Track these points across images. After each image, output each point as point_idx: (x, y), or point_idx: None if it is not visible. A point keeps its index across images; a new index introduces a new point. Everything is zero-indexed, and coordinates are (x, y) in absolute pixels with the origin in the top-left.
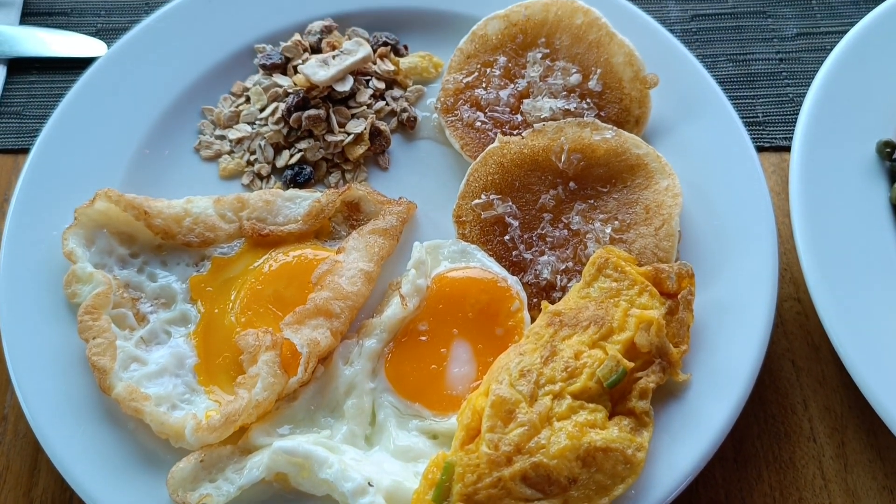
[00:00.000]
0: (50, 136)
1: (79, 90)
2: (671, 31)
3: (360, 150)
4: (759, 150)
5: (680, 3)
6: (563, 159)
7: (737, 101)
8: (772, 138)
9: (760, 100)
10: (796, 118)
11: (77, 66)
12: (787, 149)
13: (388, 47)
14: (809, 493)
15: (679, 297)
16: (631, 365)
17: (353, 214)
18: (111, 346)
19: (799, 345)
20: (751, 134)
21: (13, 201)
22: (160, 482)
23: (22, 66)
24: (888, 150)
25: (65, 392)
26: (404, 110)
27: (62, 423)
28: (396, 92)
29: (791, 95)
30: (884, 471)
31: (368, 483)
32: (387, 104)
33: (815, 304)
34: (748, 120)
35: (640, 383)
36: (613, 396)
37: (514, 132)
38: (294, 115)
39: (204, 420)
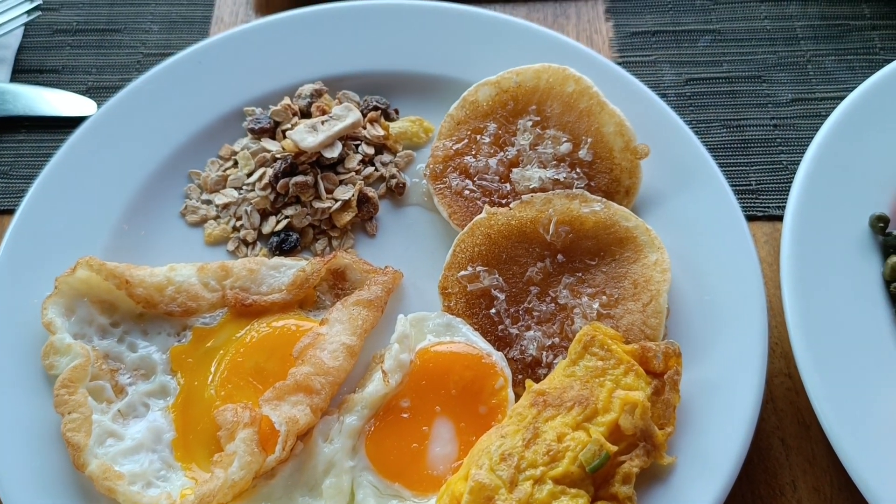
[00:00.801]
0: (35, 199)
1: (66, 151)
2: (665, 95)
3: (347, 216)
4: (752, 219)
5: (675, 66)
6: (550, 231)
7: (730, 169)
8: (765, 207)
9: (754, 167)
10: (790, 186)
11: (66, 125)
12: (780, 218)
13: (379, 111)
14: None
15: (665, 377)
16: (614, 449)
17: (338, 283)
18: (86, 422)
19: (789, 422)
20: (743, 202)
21: None
22: None
23: (11, 125)
24: (881, 224)
25: (39, 467)
26: (393, 176)
27: (36, 499)
28: (386, 157)
29: (785, 163)
30: None
31: None
32: (376, 170)
33: (803, 382)
34: (741, 188)
35: (624, 468)
36: (596, 481)
37: (503, 201)
38: (281, 181)
39: (179, 500)
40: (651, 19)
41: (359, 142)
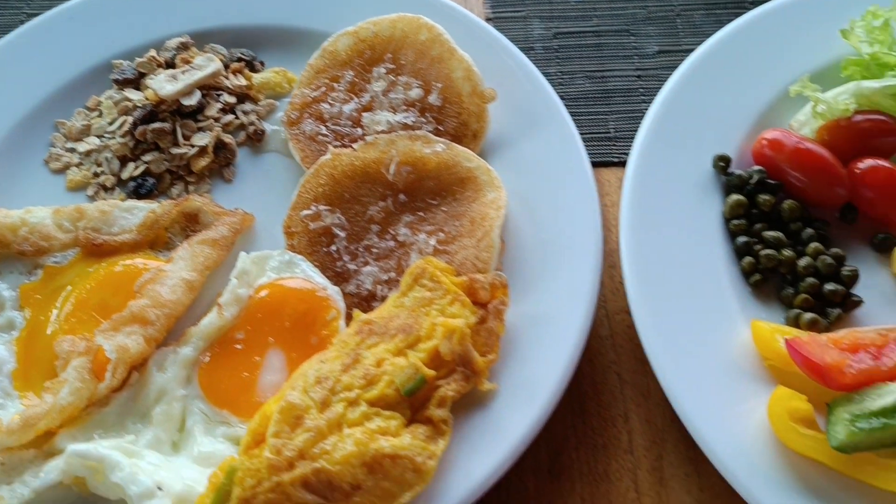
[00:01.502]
0: None
1: None
2: (532, 48)
3: (203, 162)
4: (608, 164)
5: (545, 21)
6: (392, 171)
7: (589, 117)
8: (622, 153)
9: (614, 115)
10: None
11: None
12: None
13: (243, 63)
14: None
15: (490, 306)
16: (431, 373)
17: (190, 226)
18: None
19: (626, 358)
20: (600, 148)
21: None
22: None
23: None
24: (722, 164)
25: None
26: (252, 124)
27: None
28: (248, 106)
29: (644, 111)
30: (699, 485)
31: (158, 487)
32: (236, 118)
33: (633, 317)
34: (599, 135)
35: (440, 391)
36: (413, 405)
37: (354, 145)
38: (140, 128)
39: (5, 423)
40: None
41: (221, 91)
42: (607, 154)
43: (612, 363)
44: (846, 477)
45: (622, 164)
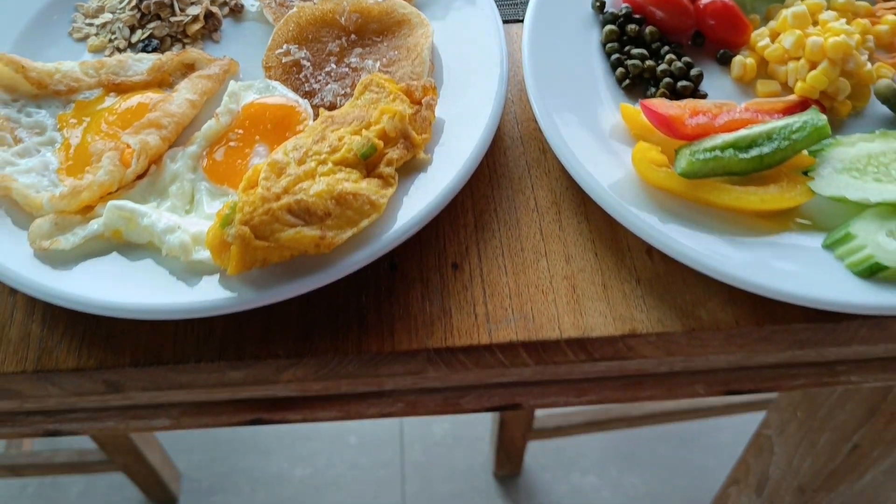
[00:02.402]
0: None
1: None
2: None
3: (196, 27)
4: (517, 21)
5: None
6: (344, 18)
7: None
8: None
9: None
10: None
11: None
12: None
13: None
14: (530, 245)
15: (423, 101)
16: (381, 143)
17: (188, 72)
18: None
19: (532, 150)
20: (512, 10)
21: None
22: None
23: None
24: (598, 4)
25: None
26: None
27: None
28: None
29: None
30: (588, 229)
31: (178, 226)
32: None
33: (535, 115)
34: (508, 3)
35: (387, 156)
36: (368, 166)
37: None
38: (144, 3)
39: (58, 192)
40: None
41: None
42: (515, 15)
43: (521, 154)
44: (689, 198)
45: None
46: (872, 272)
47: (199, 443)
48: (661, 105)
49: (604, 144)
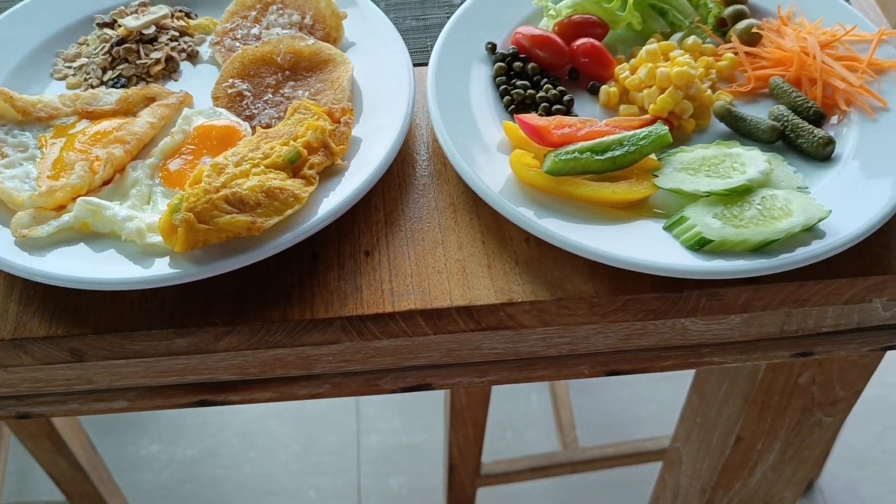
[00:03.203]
0: None
1: None
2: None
3: (158, 68)
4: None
5: None
6: (280, 57)
7: (413, 37)
8: None
9: (431, 36)
10: None
11: None
12: None
13: (183, 13)
14: (430, 236)
15: (342, 120)
16: (305, 152)
17: (150, 104)
18: None
19: (435, 163)
20: (423, 55)
21: None
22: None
23: None
24: (490, 46)
25: None
26: (190, 46)
27: None
28: (187, 38)
29: None
30: (479, 223)
31: (135, 216)
32: (178, 44)
33: (436, 135)
34: (419, 50)
35: (310, 161)
36: (294, 170)
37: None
38: (115, 49)
39: (33, 192)
40: None
41: (168, 29)
42: (425, 60)
43: (426, 167)
44: (555, 193)
45: None
46: (701, 245)
47: (162, 497)
48: (533, 118)
49: (491, 156)
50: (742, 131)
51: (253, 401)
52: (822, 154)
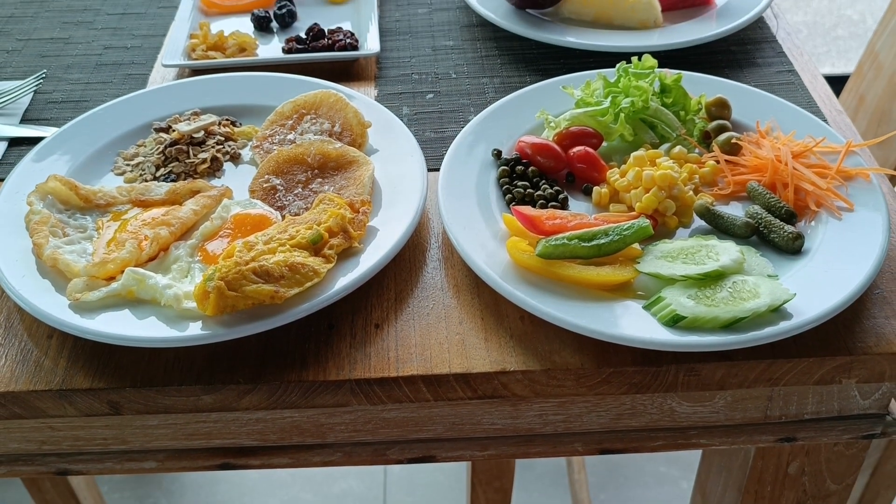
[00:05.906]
0: (31, 158)
1: (55, 137)
2: (401, 114)
3: (204, 166)
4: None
5: (407, 105)
6: (310, 158)
7: (431, 147)
8: None
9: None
10: None
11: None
12: None
13: (229, 121)
14: (434, 313)
15: (360, 211)
16: (326, 235)
17: (195, 196)
18: (46, 238)
19: (444, 250)
20: (437, 161)
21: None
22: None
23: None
24: (496, 153)
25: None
26: (233, 149)
27: (15, 272)
28: (231, 143)
29: None
30: (479, 302)
31: (174, 286)
32: (223, 147)
33: (446, 229)
34: (435, 157)
35: (330, 243)
36: (315, 250)
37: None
38: (168, 149)
39: (89, 259)
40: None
41: (216, 135)
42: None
43: (435, 253)
44: (547, 275)
45: None
46: (675, 321)
47: None
48: (528, 209)
49: (492, 244)
50: (720, 227)
51: (271, 466)
52: (792, 248)
